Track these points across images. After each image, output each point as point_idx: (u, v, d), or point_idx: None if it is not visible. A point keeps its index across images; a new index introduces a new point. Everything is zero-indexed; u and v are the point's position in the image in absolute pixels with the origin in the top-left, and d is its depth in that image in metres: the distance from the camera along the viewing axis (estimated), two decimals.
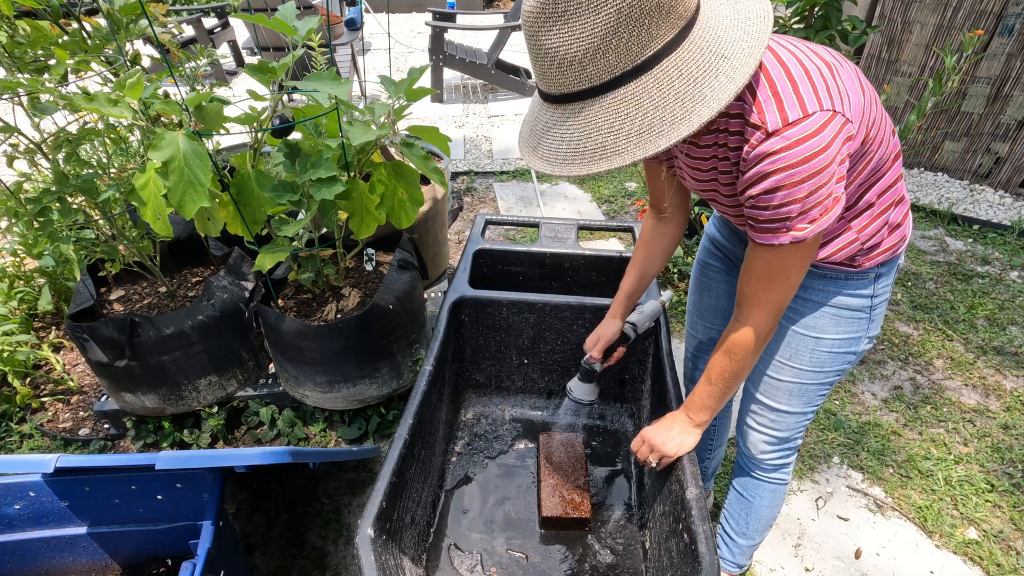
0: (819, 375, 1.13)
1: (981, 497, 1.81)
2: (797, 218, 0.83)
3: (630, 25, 0.68)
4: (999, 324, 2.48)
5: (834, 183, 0.81)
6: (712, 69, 0.72)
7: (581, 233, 2.92)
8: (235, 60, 5.79)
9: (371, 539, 1.03)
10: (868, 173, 0.92)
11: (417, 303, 1.90)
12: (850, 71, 0.86)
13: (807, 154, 0.77)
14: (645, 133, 0.73)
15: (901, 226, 1.02)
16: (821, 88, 0.78)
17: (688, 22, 0.71)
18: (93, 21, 1.62)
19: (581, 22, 0.68)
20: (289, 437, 1.98)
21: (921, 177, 3.62)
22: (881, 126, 0.89)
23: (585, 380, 1.41)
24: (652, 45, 0.70)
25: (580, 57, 0.70)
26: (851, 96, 0.82)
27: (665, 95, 0.72)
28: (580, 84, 0.73)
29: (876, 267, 1.03)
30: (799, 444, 1.29)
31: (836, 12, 2.23)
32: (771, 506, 1.36)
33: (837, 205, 0.83)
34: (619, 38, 0.68)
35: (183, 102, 1.28)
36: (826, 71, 0.81)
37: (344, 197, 1.47)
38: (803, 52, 0.83)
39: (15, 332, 2.27)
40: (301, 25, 1.33)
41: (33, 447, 2.01)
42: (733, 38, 0.73)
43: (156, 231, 1.30)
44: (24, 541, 1.36)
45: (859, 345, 1.11)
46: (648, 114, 0.72)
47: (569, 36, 0.69)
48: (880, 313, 1.10)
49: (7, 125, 1.43)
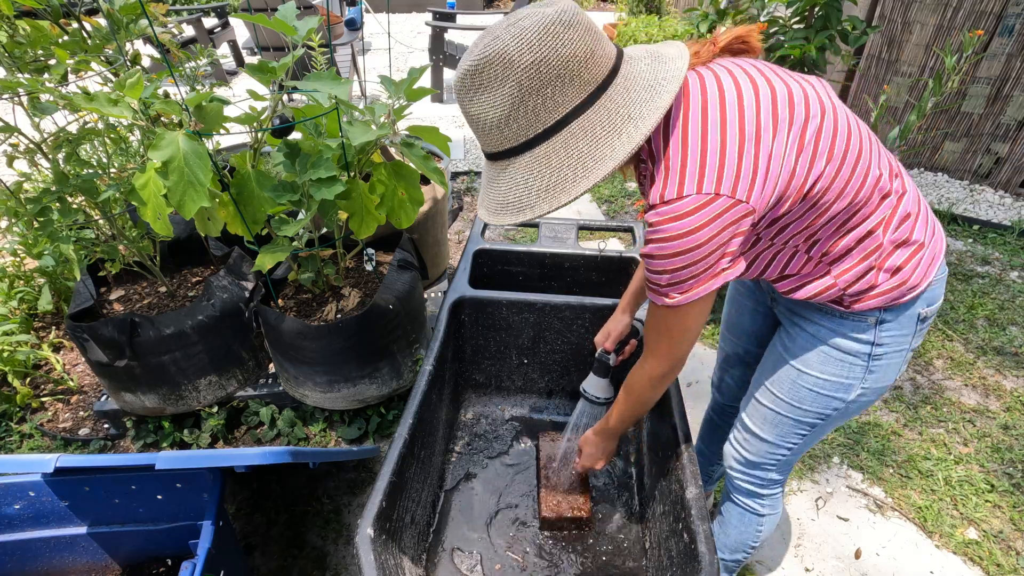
0: (796, 410, 1.09)
1: (981, 497, 1.81)
2: (667, 287, 0.88)
3: (534, 95, 0.76)
4: (999, 324, 2.48)
5: (714, 259, 0.83)
6: (616, 129, 0.78)
7: (581, 233, 2.92)
8: (235, 60, 5.79)
9: (371, 539, 1.03)
10: (829, 223, 0.89)
11: (417, 303, 1.90)
12: (795, 132, 0.82)
13: (675, 233, 0.81)
14: (552, 189, 0.81)
15: (901, 271, 0.94)
16: (711, 168, 0.79)
17: (600, 85, 0.78)
18: (93, 21, 1.62)
19: (492, 94, 0.77)
20: (289, 437, 1.98)
21: (921, 177, 3.62)
22: (845, 177, 0.85)
23: (600, 375, 1.39)
24: (559, 110, 0.77)
25: (497, 123, 0.79)
26: (768, 170, 0.80)
27: (570, 155, 0.79)
28: (501, 145, 0.82)
29: (875, 311, 0.97)
30: (775, 480, 1.23)
31: (836, 12, 2.23)
32: (739, 529, 1.32)
33: (717, 279, 0.86)
34: (526, 106, 0.76)
35: (183, 102, 1.28)
36: (735, 147, 0.79)
37: (344, 197, 1.47)
38: (728, 118, 0.80)
39: (15, 332, 2.27)
40: (301, 25, 1.33)
41: (33, 447, 2.01)
42: (642, 99, 0.79)
43: (156, 231, 1.30)
44: (24, 541, 1.36)
45: (849, 393, 1.04)
46: (556, 172, 0.80)
47: (485, 105, 0.78)
48: (885, 365, 1.01)
49: (7, 125, 1.43)
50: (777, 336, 1.14)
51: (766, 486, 1.24)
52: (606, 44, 0.80)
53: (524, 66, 0.74)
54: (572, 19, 0.75)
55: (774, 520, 1.31)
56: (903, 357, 1.03)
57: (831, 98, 0.89)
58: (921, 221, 0.95)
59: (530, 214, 0.82)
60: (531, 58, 0.73)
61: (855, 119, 0.92)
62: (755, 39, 0.91)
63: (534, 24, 0.73)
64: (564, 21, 0.74)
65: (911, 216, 0.94)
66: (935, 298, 1.00)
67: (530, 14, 0.75)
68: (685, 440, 1.23)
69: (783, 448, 1.15)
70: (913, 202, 0.95)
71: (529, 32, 0.73)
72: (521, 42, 0.73)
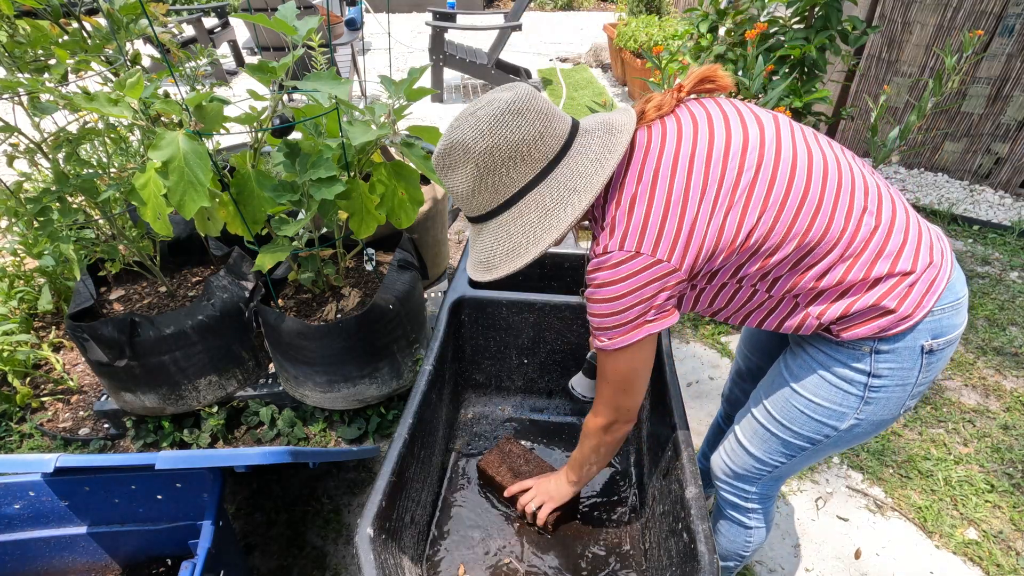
0: (786, 430, 1.08)
1: (981, 497, 1.81)
2: (597, 330, 0.98)
3: (491, 174, 0.88)
4: (999, 324, 2.48)
5: (637, 311, 0.91)
6: (563, 202, 0.89)
7: (581, 234, 2.92)
8: (235, 60, 5.79)
9: (371, 538, 1.03)
10: (780, 264, 0.90)
11: (417, 303, 1.90)
12: (725, 190, 0.86)
13: (600, 282, 0.91)
14: (511, 253, 0.93)
15: (883, 302, 0.91)
16: (634, 228, 0.87)
17: (552, 160, 0.89)
18: (93, 21, 1.62)
19: (458, 172, 0.90)
20: (289, 437, 1.98)
21: (921, 177, 3.62)
22: (786, 223, 0.87)
23: (589, 376, 1.41)
24: (515, 185, 0.90)
25: (466, 194, 0.92)
26: (693, 231, 0.86)
27: (524, 224, 0.91)
28: (473, 212, 0.96)
29: (868, 341, 0.95)
30: (760, 495, 1.21)
31: (836, 12, 2.23)
32: (728, 538, 1.31)
33: (640, 329, 0.93)
34: (485, 183, 0.90)
35: (183, 102, 1.28)
36: (659, 211, 0.86)
37: (344, 197, 1.47)
38: (659, 182, 0.87)
39: (15, 332, 2.27)
40: (301, 25, 1.33)
41: (33, 447, 2.01)
42: (588, 171, 0.89)
43: (156, 231, 1.30)
44: (24, 541, 1.36)
45: (842, 421, 1.01)
46: (512, 238, 0.92)
47: (455, 180, 0.91)
48: (884, 399, 0.98)
49: (7, 125, 1.43)
50: (782, 355, 1.13)
51: (751, 499, 1.23)
52: (558, 124, 0.90)
53: (479, 151, 0.87)
54: (523, 106, 0.86)
55: (763, 533, 1.29)
56: (907, 392, 0.98)
57: (780, 140, 0.90)
58: (909, 249, 0.91)
59: (497, 273, 0.94)
60: (484, 144, 0.86)
61: (820, 153, 0.91)
62: (721, 76, 0.95)
63: (487, 114, 0.86)
64: (513, 110, 0.85)
65: (894, 245, 0.90)
66: (944, 330, 0.94)
67: (488, 102, 0.87)
68: (685, 440, 1.23)
69: (768, 465, 1.14)
70: (899, 231, 0.91)
71: (483, 122, 0.86)
72: (476, 131, 0.86)
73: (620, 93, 5.44)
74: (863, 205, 0.90)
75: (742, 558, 1.35)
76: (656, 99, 0.96)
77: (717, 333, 2.50)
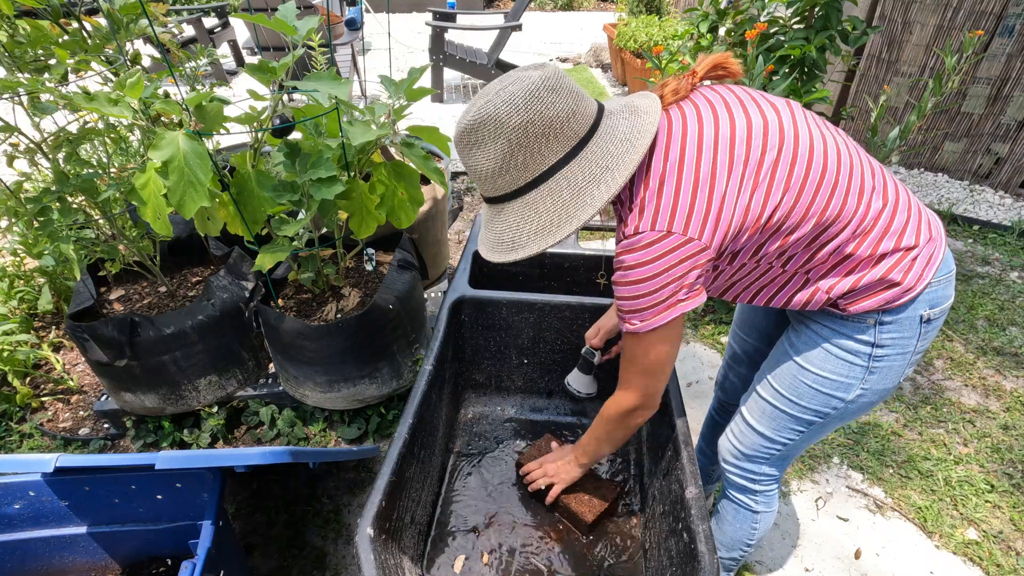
0: (794, 405, 1.11)
1: (981, 497, 1.81)
2: (628, 313, 0.96)
3: (523, 151, 0.86)
4: (999, 324, 2.48)
5: (669, 291, 0.90)
6: (596, 180, 0.88)
7: (581, 233, 2.92)
8: (235, 60, 5.79)
9: (371, 538, 1.03)
10: (797, 242, 0.93)
11: (417, 303, 1.90)
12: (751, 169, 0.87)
13: (631, 264, 0.90)
14: (541, 231, 0.91)
15: (889, 275, 0.96)
16: (665, 208, 0.87)
17: (582, 139, 0.88)
18: (93, 21, 1.62)
19: (486, 149, 0.87)
20: (289, 437, 1.98)
21: (921, 177, 3.62)
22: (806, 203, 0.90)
23: (584, 371, 1.41)
24: (544, 163, 0.88)
25: (491, 173, 0.89)
26: (721, 209, 0.87)
27: (555, 202, 0.89)
28: (496, 192, 0.93)
29: (872, 313, 0.99)
30: (768, 475, 1.24)
31: (836, 12, 2.23)
32: (735, 526, 1.33)
33: (674, 309, 0.92)
34: (516, 160, 0.87)
35: (183, 102, 1.28)
36: (689, 189, 0.87)
37: (344, 197, 1.47)
38: (686, 161, 0.88)
39: (15, 332, 2.27)
40: (301, 25, 1.33)
41: (33, 447, 2.01)
42: (619, 151, 0.88)
43: (156, 231, 1.30)
44: (24, 541, 1.36)
45: (848, 392, 1.05)
46: (543, 216, 0.90)
47: (481, 158, 0.89)
48: (886, 367, 1.03)
49: (7, 125, 1.43)
50: (785, 334, 1.16)
51: (759, 481, 1.25)
52: (587, 103, 0.89)
53: (513, 126, 0.84)
54: (556, 84, 0.85)
55: (770, 518, 1.31)
56: (906, 360, 1.04)
57: (796, 123, 0.93)
58: (912, 226, 0.97)
59: (523, 253, 0.92)
60: (519, 119, 0.84)
61: (831, 138, 0.95)
62: (732, 63, 0.97)
63: (522, 89, 0.84)
64: (548, 86, 0.84)
65: (899, 223, 0.96)
66: (939, 300, 1.01)
67: (519, 78, 0.85)
68: (685, 440, 1.23)
69: (778, 443, 1.17)
70: (903, 210, 0.97)
71: (517, 96, 0.84)
72: (510, 106, 0.84)
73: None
74: (871, 186, 0.95)
75: (748, 547, 1.36)
76: (672, 84, 0.97)
77: (717, 333, 2.50)
